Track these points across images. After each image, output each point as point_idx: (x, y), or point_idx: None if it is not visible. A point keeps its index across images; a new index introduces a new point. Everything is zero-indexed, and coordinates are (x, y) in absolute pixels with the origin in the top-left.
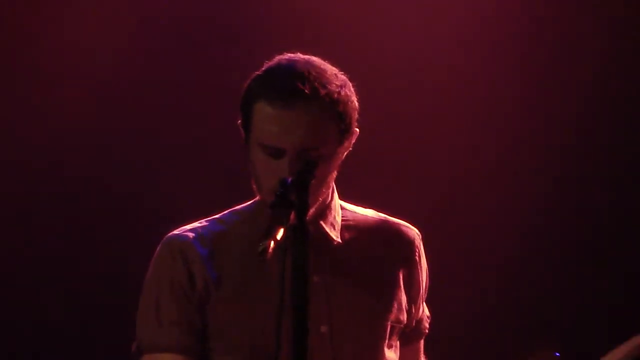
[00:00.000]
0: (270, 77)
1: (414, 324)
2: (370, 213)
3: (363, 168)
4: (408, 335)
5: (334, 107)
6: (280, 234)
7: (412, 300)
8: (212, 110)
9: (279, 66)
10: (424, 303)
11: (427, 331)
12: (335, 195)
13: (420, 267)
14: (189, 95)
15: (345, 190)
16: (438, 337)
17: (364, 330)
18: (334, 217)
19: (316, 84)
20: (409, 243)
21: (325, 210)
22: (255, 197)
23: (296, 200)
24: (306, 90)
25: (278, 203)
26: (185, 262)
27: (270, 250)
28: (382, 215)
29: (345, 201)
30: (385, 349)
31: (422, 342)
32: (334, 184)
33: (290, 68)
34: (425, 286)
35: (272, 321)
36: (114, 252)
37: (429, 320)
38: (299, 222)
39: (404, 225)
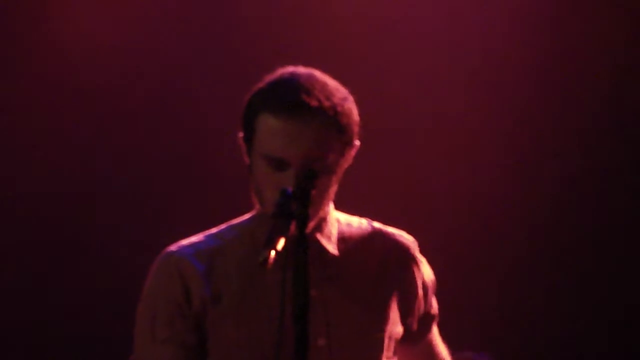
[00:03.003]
0: (274, 90)
1: (416, 327)
2: (364, 223)
3: (360, 176)
4: (417, 332)
5: (338, 119)
6: (280, 244)
7: (410, 309)
8: (211, 122)
9: (282, 79)
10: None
11: (436, 312)
12: (332, 207)
13: (417, 274)
14: (187, 105)
15: (340, 198)
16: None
17: (361, 343)
18: (330, 230)
19: (321, 96)
20: (405, 252)
21: (321, 223)
22: (252, 210)
23: (297, 210)
24: (311, 103)
25: (279, 213)
26: (182, 279)
27: (271, 260)
28: (377, 225)
29: (339, 210)
30: None
31: (434, 329)
32: None
33: (294, 81)
34: (433, 285)
35: (271, 334)
36: (114, 262)
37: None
38: (299, 233)
39: (399, 235)
